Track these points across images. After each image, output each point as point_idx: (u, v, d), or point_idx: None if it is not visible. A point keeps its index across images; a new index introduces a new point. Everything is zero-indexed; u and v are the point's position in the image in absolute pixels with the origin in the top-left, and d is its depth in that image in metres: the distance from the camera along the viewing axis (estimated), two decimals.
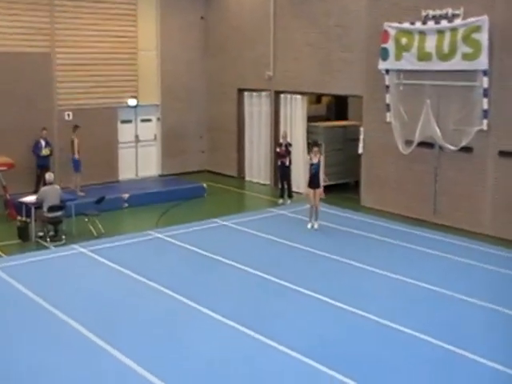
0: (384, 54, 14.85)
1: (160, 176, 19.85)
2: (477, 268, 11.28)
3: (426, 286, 10.34)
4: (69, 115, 17.76)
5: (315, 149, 13.68)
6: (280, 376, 7.51)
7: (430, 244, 12.60)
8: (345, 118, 19.94)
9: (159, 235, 13.37)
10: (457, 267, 11.36)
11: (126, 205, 16.22)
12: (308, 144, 16.66)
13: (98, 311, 9.41)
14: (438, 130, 13.80)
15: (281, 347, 8.13)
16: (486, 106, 13.12)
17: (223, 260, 11.67)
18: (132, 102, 18.80)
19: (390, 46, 14.68)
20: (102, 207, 14.53)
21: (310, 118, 18.23)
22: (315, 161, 13.54)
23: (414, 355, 8.01)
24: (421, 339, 8.39)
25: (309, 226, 13.70)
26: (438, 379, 7.43)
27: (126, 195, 16.39)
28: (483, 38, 12.87)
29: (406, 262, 11.58)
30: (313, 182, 13.64)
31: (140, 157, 19.60)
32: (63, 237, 13.30)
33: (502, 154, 13.07)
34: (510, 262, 11.59)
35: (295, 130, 17.94)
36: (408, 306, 9.62)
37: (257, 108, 19.23)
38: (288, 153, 16.47)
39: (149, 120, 19.83)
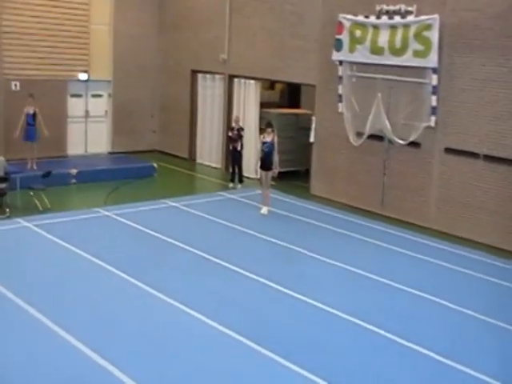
0: (338, 45, 15.03)
1: (110, 153, 19.61)
2: (420, 260, 11.65)
3: (368, 275, 10.62)
4: (16, 85, 17.30)
5: (269, 129, 13.44)
6: (218, 354, 7.63)
7: (375, 235, 12.93)
8: (297, 106, 20.11)
9: (107, 213, 13.26)
10: (400, 259, 11.70)
11: (74, 181, 16.00)
12: (260, 129, 16.74)
13: (43, 288, 9.31)
14: (387, 124, 14.11)
15: (220, 327, 8.26)
16: (434, 103, 13.49)
17: (170, 240, 11.69)
18: (83, 76, 18.49)
19: (345, 37, 14.87)
20: (48, 182, 14.29)
21: (263, 104, 18.32)
22: (268, 139, 13.31)
23: (353, 340, 8.25)
24: (360, 325, 8.64)
25: (262, 211, 13.71)
26: (377, 363, 7.68)
27: (75, 171, 16.15)
28: (434, 36, 13.20)
29: (350, 251, 11.85)
30: (264, 163, 13.45)
31: (90, 133, 19.30)
32: (7, 210, 13.04)
33: (448, 150, 13.49)
34: (453, 256, 12.01)
35: (248, 114, 18.00)
36: (349, 293, 9.88)
37: (210, 91, 19.18)
38: (240, 137, 16.53)
39: (100, 95, 19.52)
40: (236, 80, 18.37)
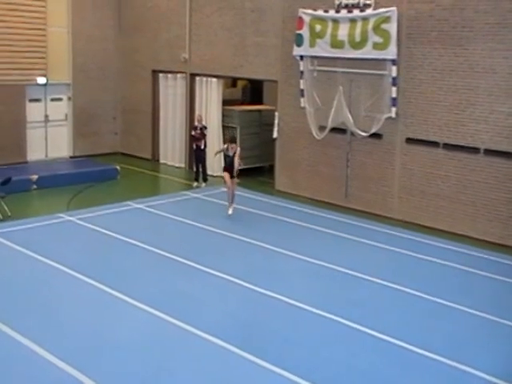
0: (299, 40, 15.04)
1: (71, 157, 19.31)
2: (384, 250, 11.72)
3: (335, 267, 10.65)
4: None
5: (232, 144, 13.47)
6: (188, 355, 7.55)
7: (340, 227, 12.98)
8: (260, 103, 20.09)
9: (70, 218, 13.03)
10: (364, 250, 11.76)
11: (35, 187, 15.68)
12: (224, 138, 16.71)
13: (5, 297, 9.08)
14: (350, 117, 14.17)
15: (188, 327, 8.19)
16: (394, 95, 13.59)
17: (135, 242, 11.54)
18: (41, 80, 18.16)
19: (305, 32, 14.88)
20: (8, 189, 13.94)
21: (226, 102, 18.24)
22: (231, 153, 13.37)
23: (323, 333, 8.26)
24: (329, 318, 8.65)
25: (229, 211, 13.47)
26: (349, 357, 7.68)
27: (35, 177, 15.83)
28: (392, 28, 13.29)
29: (315, 245, 11.85)
30: (226, 169, 13.52)
31: (50, 137, 18.97)
32: None
33: (409, 140, 13.60)
34: (416, 244, 12.12)
35: (210, 113, 17.90)
36: (316, 286, 9.88)
37: (172, 90, 19.03)
38: (203, 136, 16.43)
39: (59, 99, 19.21)
40: (198, 78, 18.25)
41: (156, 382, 6.97)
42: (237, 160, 13.31)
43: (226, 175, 13.45)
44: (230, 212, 13.38)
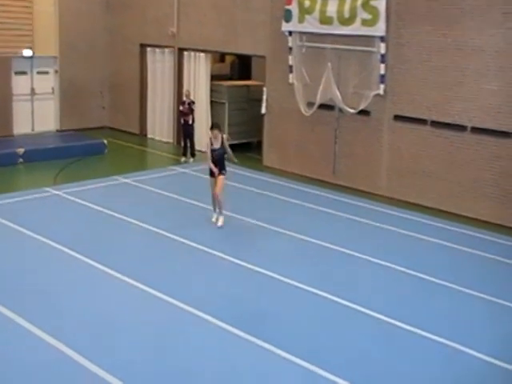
0: (287, 16, 14.95)
1: (58, 131, 19.16)
2: (372, 227, 11.82)
3: (323, 244, 10.74)
4: None
5: (215, 131, 11.24)
6: (178, 330, 7.64)
7: (328, 204, 13.06)
8: (248, 78, 19.99)
9: (57, 192, 13.00)
10: (353, 227, 11.85)
11: (21, 160, 15.58)
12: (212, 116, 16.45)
13: None
14: (338, 93, 14.17)
15: (175, 301, 8.25)
16: (382, 72, 13.59)
17: (123, 218, 11.55)
18: (27, 52, 17.94)
19: (294, 8, 14.78)
20: None
21: (214, 77, 18.14)
22: (217, 146, 11.17)
23: (312, 310, 8.36)
24: (317, 295, 8.75)
25: (213, 218, 11.45)
26: (338, 333, 7.80)
27: (21, 150, 15.71)
28: (381, 5, 13.25)
29: (304, 221, 11.93)
30: (215, 168, 11.25)
31: (36, 111, 18.79)
32: None
33: (397, 118, 13.65)
34: (403, 221, 12.24)
35: (199, 88, 17.80)
36: (305, 263, 9.97)
37: (160, 65, 18.88)
38: (191, 111, 16.37)
39: (46, 72, 18.99)
40: (186, 53, 18.11)
41: (149, 356, 7.03)
42: (226, 142, 11.40)
43: (211, 180, 11.42)
44: (220, 224, 11.20)
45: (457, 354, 7.37)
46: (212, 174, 11.36)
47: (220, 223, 11.21)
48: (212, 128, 11.48)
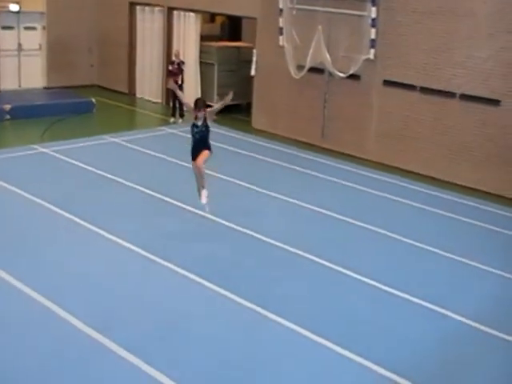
0: None
1: (45, 88, 18.97)
2: (358, 191, 11.93)
3: (311, 207, 10.81)
4: None
5: (198, 105, 9.15)
6: (167, 290, 7.76)
7: (317, 167, 13.12)
8: (238, 40, 19.81)
9: (44, 150, 12.96)
10: (341, 191, 11.93)
11: (8, 117, 15.46)
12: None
13: None
14: (328, 57, 14.11)
15: (164, 262, 8.33)
16: (373, 36, 13.53)
17: (110, 176, 11.56)
18: (14, 7, 17.65)
19: None
20: None
21: (204, 38, 17.97)
22: (200, 122, 9.15)
23: (298, 272, 8.50)
24: (304, 257, 8.87)
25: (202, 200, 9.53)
26: (320, 292, 7.96)
27: (8, 106, 15.58)
28: None
29: (292, 184, 11.99)
30: (195, 150, 9.35)
31: (23, 67, 18.58)
32: None
33: (387, 83, 13.65)
34: (389, 186, 12.35)
35: (188, 48, 17.64)
36: (293, 226, 10.06)
37: (149, 24, 18.65)
38: (180, 71, 16.25)
39: (33, 28, 18.74)
40: (175, 12, 17.90)
41: (139, 315, 7.14)
42: (215, 108, 9.66)
43: (192, 163, 9.49)
44: (204, 199, 9.48)
45: (443, 317, 7.55)
46: (193, 154, 9.41)
47: (204, 199, 9.43)
48: (196, 106, 9.15)
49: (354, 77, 13.98)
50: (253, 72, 16.07)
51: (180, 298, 7.55)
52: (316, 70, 14.54)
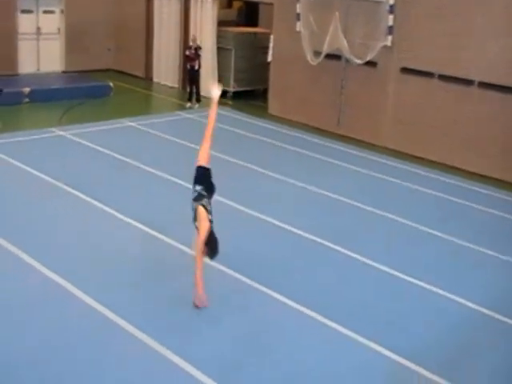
0: None
1: (63, 72, 19.10)
2: (375, 178, 11.94)
3: (324, 192, 10.87)
4: None
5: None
6: (174, 267, 7.83)
7: (331, 154, 13.14)
8: (255, 25, 19.79)
9: (62, 133, 13.09)
10: (355, 177, 11.95)
11: (27, 100, 15.61)
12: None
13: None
14: (345, 43, 14.07)
15: (173, 242, 8.41)
16: (390, 23, 13.47)
17: (127, 160, 11.67)
18: None
19: None
20: None
21: (221, 23, 17.96)
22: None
23: (308, 256, 8.57)
24: (314, 241, 8.93)
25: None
26: (332, 279, 8.04)
27: (27, 89, 15.72)
28: None
29: (306, 170, 12.04)
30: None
31: (42, 50, 18.71)
32: None
33: (404, 70, 13.60)
34: (406, 174, 12.36)
35: (205, 33, 17.65)
36: (305, 211, 10.12)
37: (166, 9, 18.67)
38: (197, 56, 16.29)
39: (52, 12, 18.83)
40: None
41: (145, 288, 7.28)
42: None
43: None
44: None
45: (455, 303, 7.60)
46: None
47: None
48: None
49: (370, 64, 13.94)
50: (269, 58, 16.06)
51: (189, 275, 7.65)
52: (333, 57, 14.51)
